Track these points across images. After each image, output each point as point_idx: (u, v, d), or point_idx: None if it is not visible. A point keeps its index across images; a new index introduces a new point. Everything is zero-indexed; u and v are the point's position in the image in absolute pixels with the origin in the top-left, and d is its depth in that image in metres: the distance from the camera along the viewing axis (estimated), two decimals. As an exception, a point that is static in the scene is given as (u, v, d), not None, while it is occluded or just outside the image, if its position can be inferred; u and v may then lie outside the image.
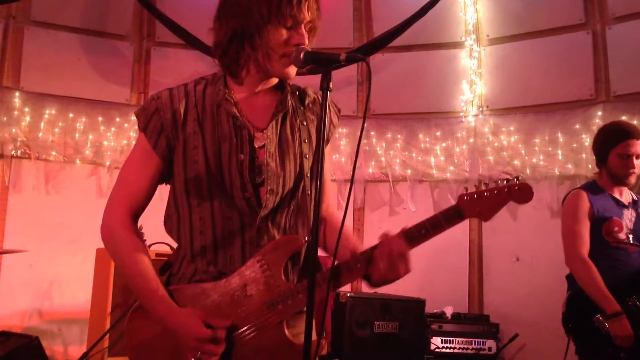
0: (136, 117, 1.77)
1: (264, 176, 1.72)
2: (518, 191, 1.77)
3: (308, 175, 1.78)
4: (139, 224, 1.84)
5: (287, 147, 1.77)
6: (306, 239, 1.76)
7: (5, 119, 4.98)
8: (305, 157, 1.78)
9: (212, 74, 1.83)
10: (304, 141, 1.80)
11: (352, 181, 1.75)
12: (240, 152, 1.72)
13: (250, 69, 1.75)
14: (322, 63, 1.60)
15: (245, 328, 1.69)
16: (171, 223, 1.80)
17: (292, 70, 1.74)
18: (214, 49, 1.77)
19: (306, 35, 1.72)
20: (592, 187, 3.48)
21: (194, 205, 1.73)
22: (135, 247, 1.74)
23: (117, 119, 5.33)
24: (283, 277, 1.70)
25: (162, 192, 1.85)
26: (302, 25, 1.71)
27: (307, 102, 1.86)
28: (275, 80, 1.82)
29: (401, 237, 1.73)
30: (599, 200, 3.39)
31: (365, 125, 5.42)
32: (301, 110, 1.84)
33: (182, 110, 1.73)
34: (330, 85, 1.57)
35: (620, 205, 3.41)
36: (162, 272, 1.81)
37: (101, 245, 1.80)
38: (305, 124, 1.82)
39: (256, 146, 1.74)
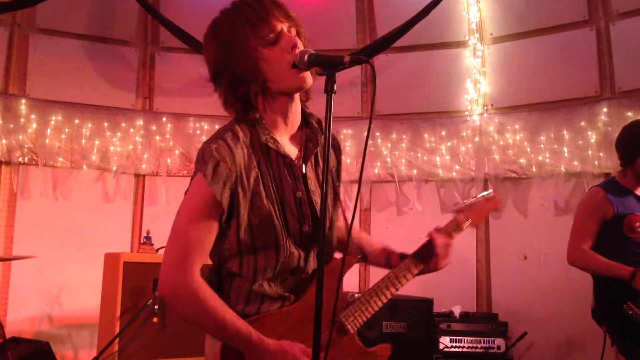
0: (200, 169, 1.71)
1: (316, 213, 1.82)
2: (494, 201, 2.19)
3: (337, 206, 1.95)
4: (147, 230, 1.86)
5: (323, 180, 1.84)
6: (359, 257, 2.02)
7: (11, 126, 5.01)
8: (337, 184, 1.96)
9: (232, 121, 1.84)
10: (331, 170, 1.92)
11: (360, 182, 1.78)
12: (297, 190, 1.80)
13: (267, 103, 1.79)
14: (326, 65, 1.61)
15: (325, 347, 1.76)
16: (233, 261, 1.79)
17: (306, 76, 1.76)
18: (228, 108, 1.80)
19: (296, 37, 1.76)
20: (612, 186, 3.46)
21: (259, 247, 1.76)
22: (215, 299, 1.73)
23: (123, 124, 5.35)
24: (343, 294, 1.88)
25: (170, 194, 1.85)
26: (284, 33, 1.75)
27: (321, 133, 1.91)
28: (299, 112, 1.86)
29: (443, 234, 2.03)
30: (620, 198, 3.38)
31: (371, 125, 5.42)
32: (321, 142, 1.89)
33: (241, 160, 1.73)
34: (335, 87, 1.58)
35: None
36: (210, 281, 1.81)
37: (109, 250, 1.80)
38: (333, 149, 1.93)
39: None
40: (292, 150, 1.84)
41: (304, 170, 1.83)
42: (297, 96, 1.83)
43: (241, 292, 1.78)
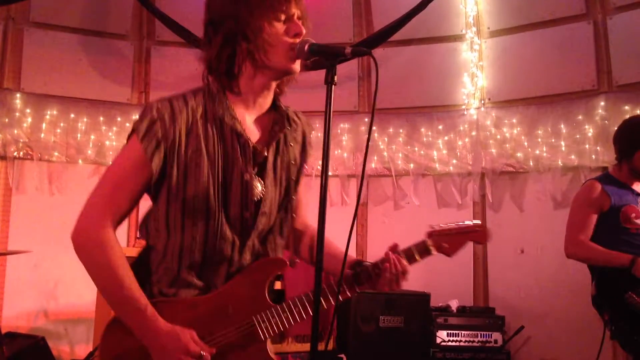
0: (134, 125, 1.67)
1: (261, 198, 1.74)
2: (478, 233, 1.97)
3: (294, 197, 1.84)
4: None
5: (280, 170, 1.80)
6: (296, 260, 1.89)
7: (6, 120, 4.99)
8: (292, 179, 1.83)
9: (206, 84, 1.77)
10: (292, 163, 1.83)
11: (362, 176, 1.75)
12: (246, 172, 1.72)
13: (249, 74, 1.73)
14: (327, 55, 1.59)
15: (227, 346, 1.69)
16: (157, 237, 1.72)
17: (297, 64, 1.73)
18: (208, 64, 1.73)
19: (302, 26, 1.73)
20: (608, 179, 3.48)
21: (189, 225, 1.68)
22: (123, 258, 1.67)
23: (119, 119, 5.32)
24: (267, 297, 1.75)
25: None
26: (294, 19, 1.72)
27: (292, 123, 1.86)
28: (270, 98, 1.81)
29: (403, 257, 1.86)
30: (616, 190, 3.40)
31: (366, 119, 5.44)
32: (289, 131, 1.84)
33: (183, 126, 1.66)
34: (335, 79, 1.56)
35: (635, 194, 3.43)
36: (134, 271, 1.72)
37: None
38: (292, 145, 1.85)
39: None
40: (253, 132, 1.77)
41: (265, 153, 1.76)
42: (274, 84, 1.79)
43: (166, 273, 1.71)
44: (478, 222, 1.98)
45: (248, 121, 1.77)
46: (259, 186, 1.74)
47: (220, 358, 1.67)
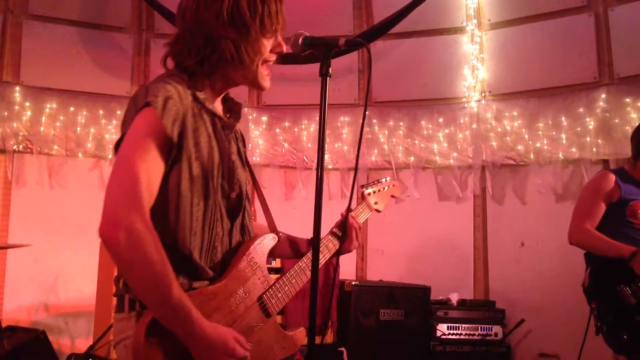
0: (149, 100, 1.54)
1: (240, 180, 1.77)
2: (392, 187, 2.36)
3: (249, 182, 1.87)
4: None
5: (240, 155, 1.82)
6: (280, 234, 1.91)
7: (6, 113, 4.98)
8: (248, 164, 1.87)
9: (174, 71, 1.72)
10: (241, 149, 1.85)
11: (356, 169, 1.75)
12: (232, 153, 1.74)
13: (224, 82, 1.75)
14: (321, 48, 1.58)
15: (248, 330, 1.71)
16: (165, 223, 1.60)
17: (268, 81, 1.76)
18: (185, 67, 1.69)
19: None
20: (622, 173, 3.48)
21: (195, 204, 1.63)
22: (164, 252, 1.50)
23: (118, 112, 5.31)
24: (267, 272, 1.80)
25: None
26: (280, 37, 1.74)
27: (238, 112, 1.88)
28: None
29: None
30: (628, 185, 3.40)
31: (367, 112, 5.41)
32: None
33: (188, 105, 1.63)
34: (330, 70, 1.55)
35: None
36: None
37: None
38: (240, 133, 1.88)
39: None
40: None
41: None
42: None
43: (174, 258, 1.55)
44: (389, 178, 2.36)
45: (216, 107, 1.78)
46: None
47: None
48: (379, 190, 2.29)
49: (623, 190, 3.37)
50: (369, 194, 2.25)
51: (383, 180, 2.32)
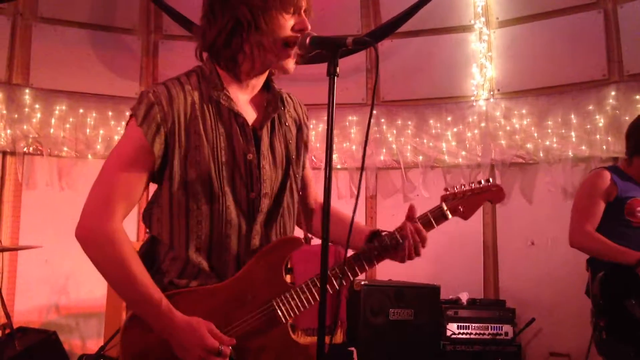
0: (132, 111, 1.65)
1: (262, 178, 1.72)
2: (493, 192, 1.94)
3: (297, 176, 1.81)
4: None
5: (277, 150, 1.78)
6: (309, 236, 1.84)
7: (16, 116, 5.01)
8: (292, 157, 1.80)
9: (198, 66, 1.76)
10: (290, 142, 1.81)
11: (362, 168, 1.74)
12: (249, 152, 1.70)
13: (250, 61, 1.70)
14: (328, 48, 1.57)
15: (248, 333, 1.68)
16: (161, 226, 1.69)
17: (292, 64, 1.73)
18: (209, 43, 1.70)
19: (307, 21, 1.70)
20: (616, 171, 3.40)
21: (193, 209, 1.65)
22: (133, 252, 1.63)
23: (127, 113, 5.31)
24: (284, 278, 1.73)
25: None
26: (302, 13, 1.70)
27: (285, 104, 1.85)
28: (264, 79, 1.80)
29: (420, 225, 1.86)
30: (624, 182, 3.33)
31: (375, 112, 5.42)
32: (283, 111, 1.82)
33: (182, 109, 1.64)
34: (338, 70, 1.54)
35: None
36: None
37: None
38: (287, 124, 1.83)
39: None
40: (249, 112, 1.76)
41: (259, 134, 1.75)
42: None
43: (175, 263, 1.67)
44: (491, 180, 1.96)
45: (242, 101, 1.76)
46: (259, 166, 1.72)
47: (242, 346, 1.65)
48: (465, 194, 1.93)
49: (619, 188, 3.29)
50: (449, 196, 1.94)
51: (480, 183, 1.95)
